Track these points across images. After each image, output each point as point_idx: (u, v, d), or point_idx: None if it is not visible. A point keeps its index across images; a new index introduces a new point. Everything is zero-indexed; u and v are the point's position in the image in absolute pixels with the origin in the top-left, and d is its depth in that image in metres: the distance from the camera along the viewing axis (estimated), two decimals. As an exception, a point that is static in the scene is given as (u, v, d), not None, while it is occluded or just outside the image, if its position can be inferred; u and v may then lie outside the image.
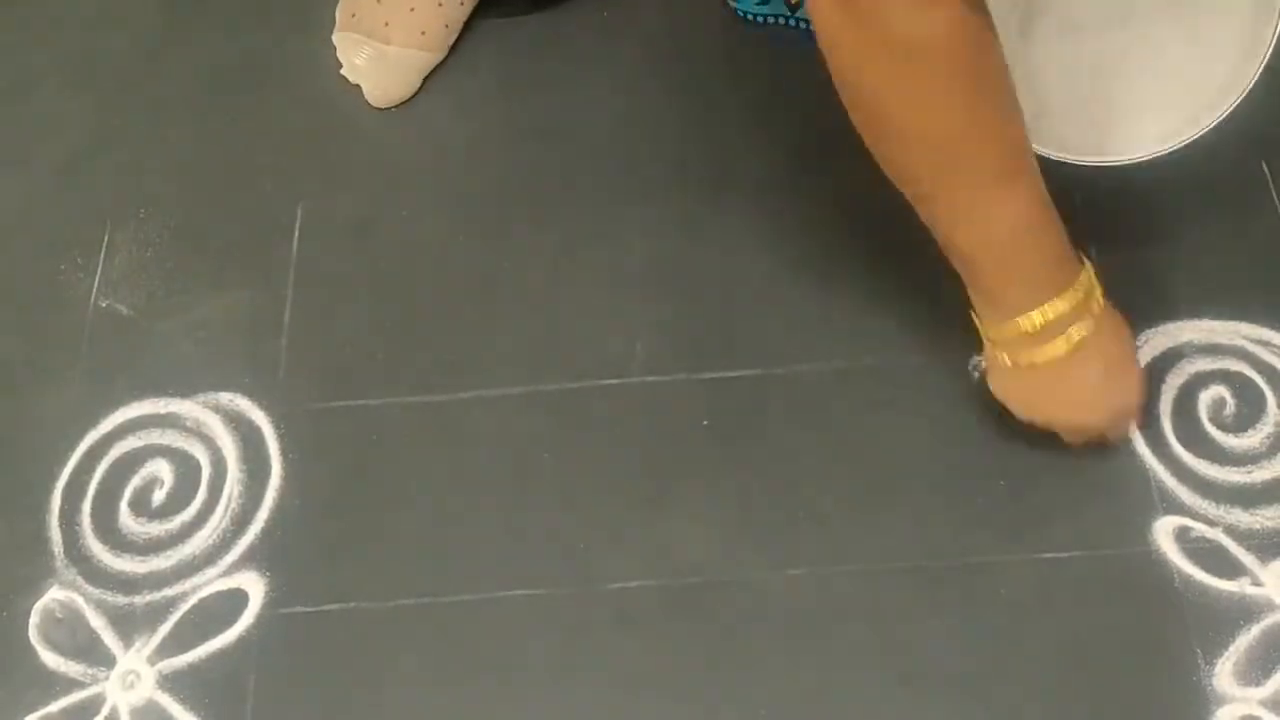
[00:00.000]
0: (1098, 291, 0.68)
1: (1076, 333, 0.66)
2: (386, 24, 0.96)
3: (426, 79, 0.97)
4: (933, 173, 0.62)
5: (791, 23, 0.94)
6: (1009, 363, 0.69)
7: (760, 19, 0.95)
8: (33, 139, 0.98)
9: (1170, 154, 0.70)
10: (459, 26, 0.98)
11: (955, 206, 0.63)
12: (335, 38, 0.98)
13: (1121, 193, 0.88)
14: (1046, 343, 0.66)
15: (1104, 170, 0.73)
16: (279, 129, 0.97)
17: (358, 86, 0.97)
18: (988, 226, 0.63)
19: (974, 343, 0.73)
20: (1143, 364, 0.78)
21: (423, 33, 0.96)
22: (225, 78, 1.00)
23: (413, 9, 0.95)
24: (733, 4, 0.95)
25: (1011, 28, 0.71)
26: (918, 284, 0.85)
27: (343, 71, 0.97)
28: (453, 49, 0.98)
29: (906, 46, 0.56)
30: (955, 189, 0.63)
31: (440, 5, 0.96)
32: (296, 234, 0.91)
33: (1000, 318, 0.67)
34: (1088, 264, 0.68)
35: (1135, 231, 0.86)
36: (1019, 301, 0.66)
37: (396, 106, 0.97)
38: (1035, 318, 0.65)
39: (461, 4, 0.97)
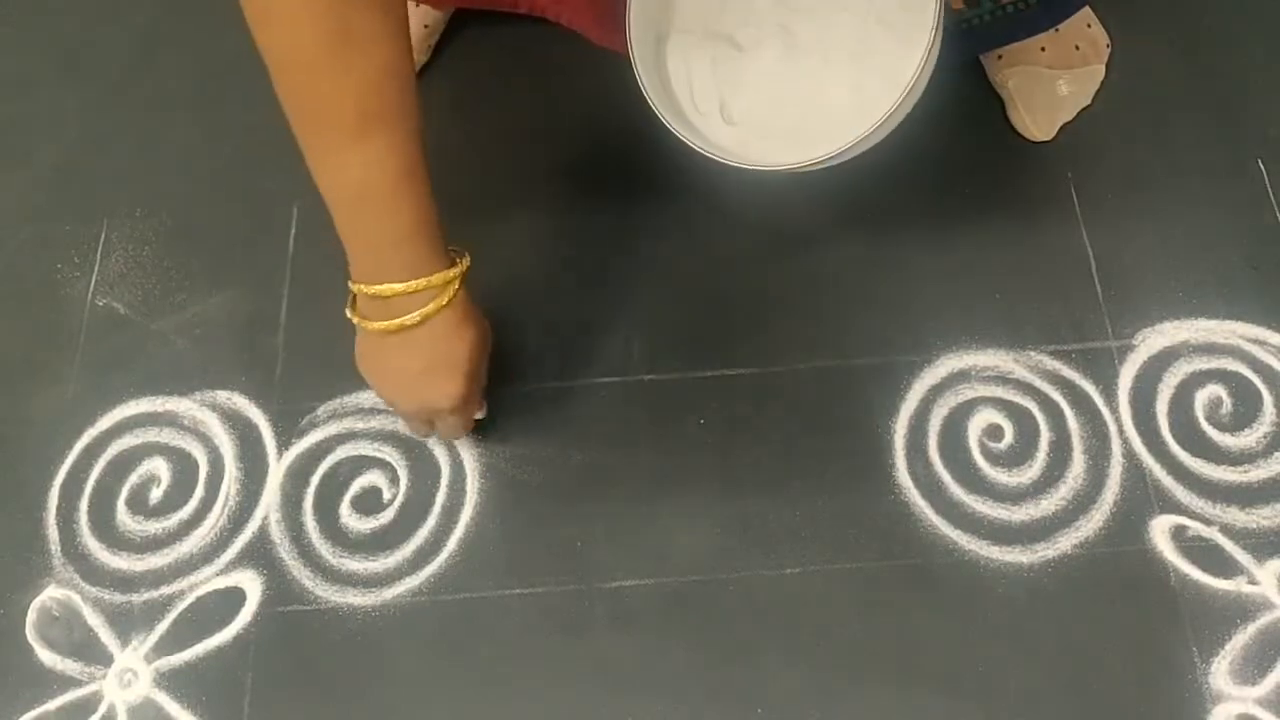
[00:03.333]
0: (450, 294, 0.68)
1: (404, 320, 0.68)
2: None
3: (425, 77, 0.97)
4: (291, 112, 0.63)
5: None
6: (351, 315, 0.71)
7: None
8: (29, 137, 0.98)
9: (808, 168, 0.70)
10: (440, 27, 0.97)
11: (309, 150, 0.65)
12: None
13: (1119, 193, 0.88)
14: (380, 317, 0.68)
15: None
16: (275, 127, 0.96)
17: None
18: (328, 179, 0.65)
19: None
20: (1137, 364, 0.79)
21: (426, 26, 0.96)
22: (221, 75, 0.99)
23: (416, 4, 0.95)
24: None
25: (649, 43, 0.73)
26: (916, 285, 0.85)
27: None
28: (438, 51, 0.98)
29: None
30: (307, 132, 0.64)
31: (417, 5, 0.95)
32: (293, 232, 0.91)
33: (352, 274, 0.69)
34: (459, 264, 0.69)
35: (1132, 231, 0.86)
36: (361, 268, 0.68)
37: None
38: (365, 289, 0.68)
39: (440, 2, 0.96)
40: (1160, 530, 0.76)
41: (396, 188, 0.65)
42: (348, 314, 0.71)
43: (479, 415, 0.79)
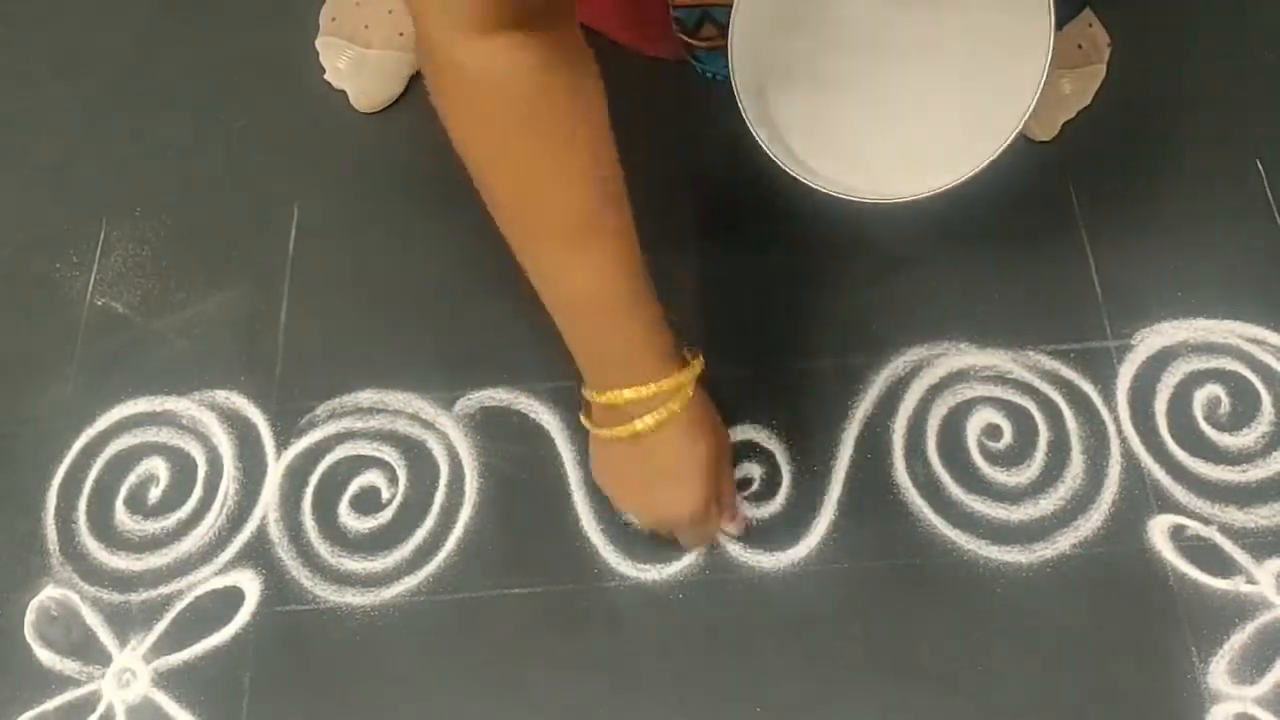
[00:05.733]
0: (683, 397, 0.65)
1: (640, 426, 0.65)
2: (366, 27, 0.95)
3: (413, 80, 0.97)
4: (503, 221, 0.60)
5: None
6: (585, 422, 0.69)
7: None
8: (28, 136, 0.98)
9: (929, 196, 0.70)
10: None
11: (526, 258, 0.62)
12: (318, 43, 0.98)
13: (1119, 193, 0.88)
14: (613, 423, 0.66)
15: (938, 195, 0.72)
16: (275, 128, 0.97)
17: (347, 89, 0.97)
18: (556, 288, 0.62)
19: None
20: (1135, 364, 0.79)
21: (401, 34, 0.96)
22: (222, 76, 0.99)
23: (391, 10, 0.95)
24: (698, 68, 0.92)
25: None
26: (915, 284, 0.85)
27: (326, 77, 0.97)
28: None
29: (463, 76, 0.54)
30: (523, 240, 0.61)
31: None
32: (293, 232, 0.91)
33: (584, 379, 0.66)
34: (691, 366, 0.66)
35: (1131, 231, 0.86)
36: (590, 374, 0.65)
37: (385, 108, 0.96)
38: (599, 396, 0.65)
39: None
40: (1159, 530, 0.76)
41: (622, 296, 0.62)
42: (581, 420, 0.69)
43: (732, 530, 0.75)
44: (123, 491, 0.81)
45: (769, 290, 0.85)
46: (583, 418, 0.69)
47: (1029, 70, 0.67)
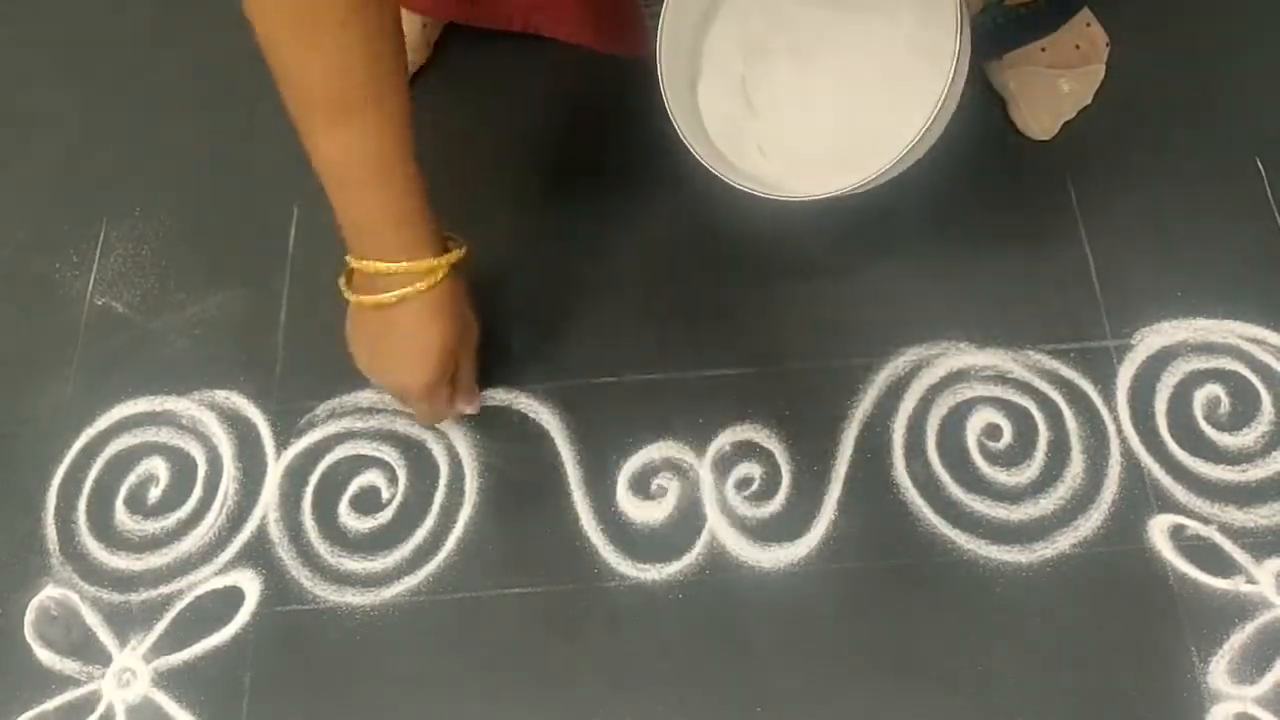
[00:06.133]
0: (428, 280, 0.69)
1: (384, 298, 0.69)
2: None
3: (412, 80, 0.97)
4: (283, 95, 0.65)
5: None
6: (340, 282, 0.73)
7: None
8: (28, 135, 0.98)
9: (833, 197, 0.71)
10: (438, 27, 0.98)
11: (298, 127, 0.66)
12: None
13: (1119, 193, 0.88)
14: (361, 291, 0.71)
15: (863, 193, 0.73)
16: (275, 127, 0.96)
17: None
18: (316, 155, 0.66)
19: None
20: (1135, 364, 0.79)
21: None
22: (221, 76, 0.99)
23: None
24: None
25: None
26: (914, 284, 0.85)
27: None
28: (438, 51, 0.98)
29: None
30: (294, 111, 0.65)
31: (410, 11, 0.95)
32: (293, 232, 0.91)
33: (348, 251, 0.71)
34: (451, 252, 0.71)
35: (1131, 230, 0.86)
36: (350, 242, 0.70)
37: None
38: (356, 263, 0.70)
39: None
40: (1159, 529, 0.76)
41: (376, 173, 0.66)
42: (340, 283, 0.73)
43: (468, 410, 0.80)
44: (123, 491, 0.81)
45: (768, 290, 0.85)
46: (342, 283, 0.73)
47: (939, 82, 0.67)
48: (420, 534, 0.79)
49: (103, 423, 0.84)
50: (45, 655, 0.76)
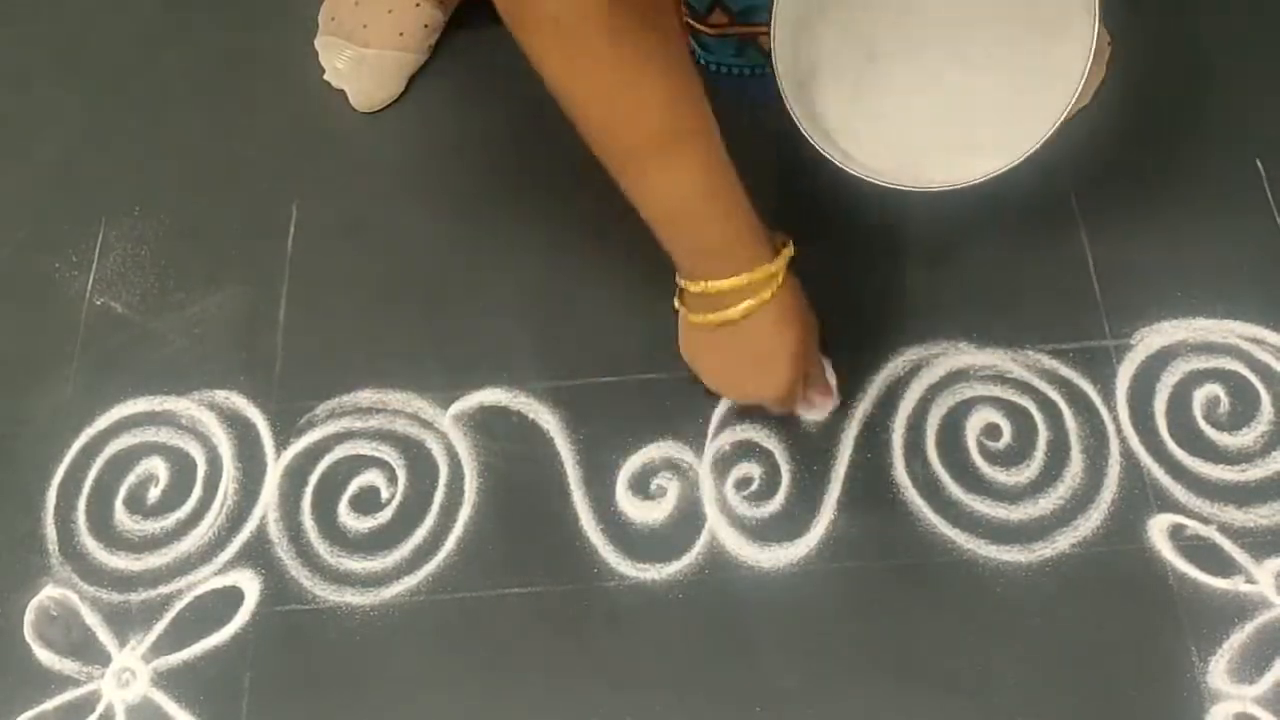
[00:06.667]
0: (771, 287, 0.69)
1: (732, 314, 0.69)
2: (365, 26, 0.95)
3: (413, 80, 0.97)
4: (596, 146, 0.64)
5: (762, 72, 0.90)
6: (679, 308, 0.73)
7: (733, 70, 0.92)
8: (27, 135, 0.98)
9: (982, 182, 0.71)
10: (440, 26, 0.98)
11: (623, 177, 0.65)
12: (317, 42, 0.98)
13: (1119, 193, 0.88)
14: (707, 310, 0.70)
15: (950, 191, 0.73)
16: (274, 127, 0.97)
17: (346, 88, 0.97)
18: (646, 198, 0.66)
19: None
20: (1135, 363, 0.79)
21: (401, 34, 0.95)
22: (221, 75, 0.99)
23: (390, 10, 0.95)
24: (702, 58, 0.92)
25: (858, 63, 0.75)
26: (914, 283, 0.85)
27: (325, 77, 0.97)
28: (438, 50, 0.98)
29: (545, 11, 0.58)
30: (614, 156, 0.65)
31: (418, 5, 0.95)
32: (291, 232, 0.91)
33: (678, 270, 0.71)
34: (782, 254, 0.70)
35: (1131, 230, 0.86)
36: (685, 267, 0.69)
37: (385, 108, 0.96)
38: (694, 287, 0.69)
39: (441, 3, 0.97)
40: (1158, 529, 0.76)
41: (711, 201, 0.66)
42: (675, 304, 0.73)
43: (828, 408, 0.80)
44: (122, 491, 0.81)
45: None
46: (676, 303, 0.73)
47: (1071, 51, 0.67)
48: (420, 534, 0.79)
49: (102, 423, 0.84)
50: (45, 655, 0.76)
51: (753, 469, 0.79)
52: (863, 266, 0.86)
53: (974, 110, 0.72)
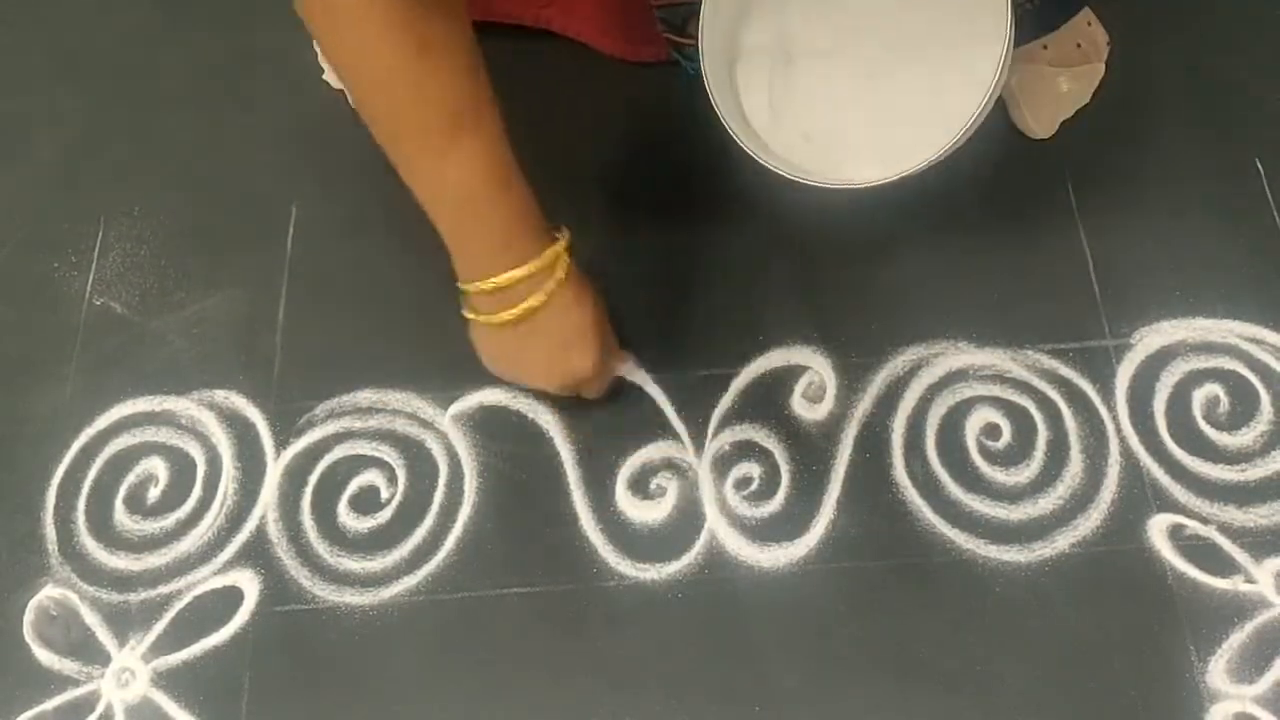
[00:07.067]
0: (561, 269, 0.70)
1: (529, 304, 0.70)
2: None
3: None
4: (376, 132, 0.65)
5: None
6: (471, 316, 0.73)
7: None
8: (26, 135, 0.98)
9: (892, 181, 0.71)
10: None
11: (400, 161, 0.66)
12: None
13: (1118, 192, 0.88)
14: (501, 307, 0.70)
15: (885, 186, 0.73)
16: (273, 127, 0.97)
17: (351, 87, 0.97)
18: (425, 187, 0.67)
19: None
20: (1134, 363, 0.79)
21: None
22: (220, 76, 0.99)
23: None
24: (690, 70, 0.91)
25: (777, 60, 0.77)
26: (913, 283, 0.85)
27: (325, 77, 0.97)
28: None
29: (327, 4, 0.60)
30: (397, 144, 0.66)
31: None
32: (291, 232, 0.91)
33: (462, 275, 0.71)
34: (560, 239, 0.71)
35: (1130, 230, 0.86)
36: (473, 265, 0.70)
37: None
38: (484, 284, 0.69)
39: None
40: (1158, 529, 0.76)
41: (497, 185, 0.67)
42: (466, 315, 0.73)
43: (628, 369, 0.81)
44: (122, 491, 0.81)
45: (766, 290, 0.85)
46: (466, 313, 0.73)
47: (990, 52, 0.68)
48: (419, 534, 0.79)
49: (102, 423, 0.84)
50: (44, 655, 0.76)
51: (752, 469, 0.79)
52: (862, 266, 0.86)
53: (895, 111, 0.74)
